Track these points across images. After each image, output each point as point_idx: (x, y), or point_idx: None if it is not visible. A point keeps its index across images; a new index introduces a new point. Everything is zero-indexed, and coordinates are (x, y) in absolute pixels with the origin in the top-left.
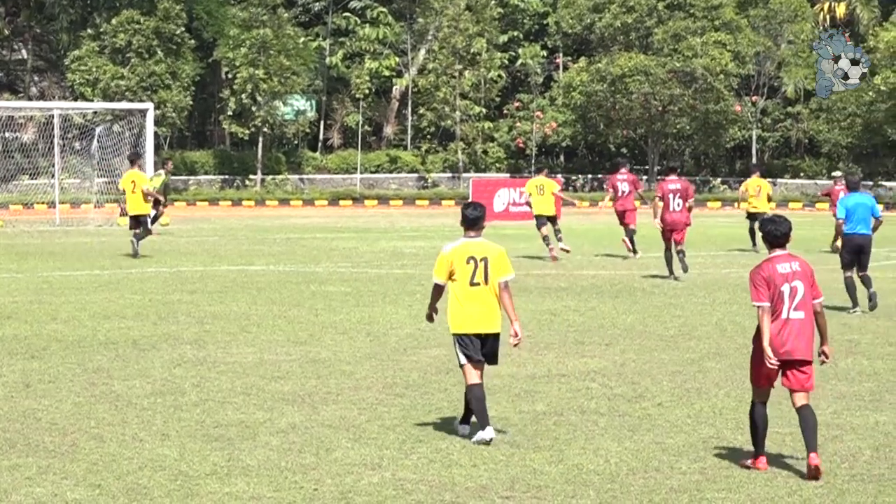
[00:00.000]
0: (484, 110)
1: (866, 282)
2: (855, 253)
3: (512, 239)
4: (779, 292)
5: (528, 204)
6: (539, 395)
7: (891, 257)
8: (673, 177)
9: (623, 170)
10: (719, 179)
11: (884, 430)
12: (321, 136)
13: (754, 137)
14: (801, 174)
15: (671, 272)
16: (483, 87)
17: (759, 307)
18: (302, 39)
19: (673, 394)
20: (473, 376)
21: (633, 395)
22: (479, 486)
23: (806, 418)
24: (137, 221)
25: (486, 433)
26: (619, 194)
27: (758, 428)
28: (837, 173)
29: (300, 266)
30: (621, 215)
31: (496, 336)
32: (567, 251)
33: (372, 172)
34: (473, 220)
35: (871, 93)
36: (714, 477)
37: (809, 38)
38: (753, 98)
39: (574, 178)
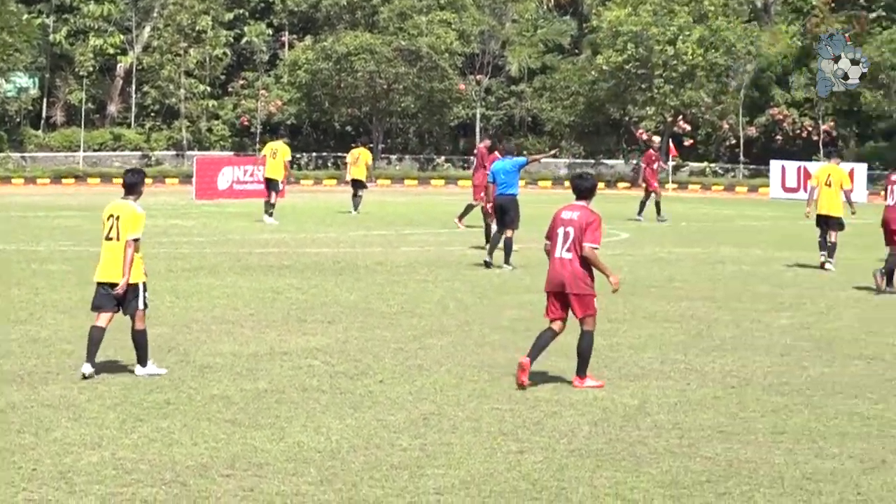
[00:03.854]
0: (209, 88)
1: (497, 242)
2: (498, 210)
3: (236, 217)
4: (555, 233)
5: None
6: (261, 372)
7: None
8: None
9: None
10: (443, 157)
11: (601, 405)
12: (44, 114)
13: (478, 116)
14: (525, 152)
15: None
16: (208, 64)
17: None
18: (25, 16)
19: (395, 371)
20: (100, 321)
21: (355, 373)
22: (199, 464)
23: (580, 340)
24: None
25: (85, 368)
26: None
27: (538, 339)
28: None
29: (21, 245)
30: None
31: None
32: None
33: (95, 150)
34: (130, 185)
35: (593, 72)
36: (434, 453)
37: (534, 18)
38: (478, 77)
39: (299, 156)
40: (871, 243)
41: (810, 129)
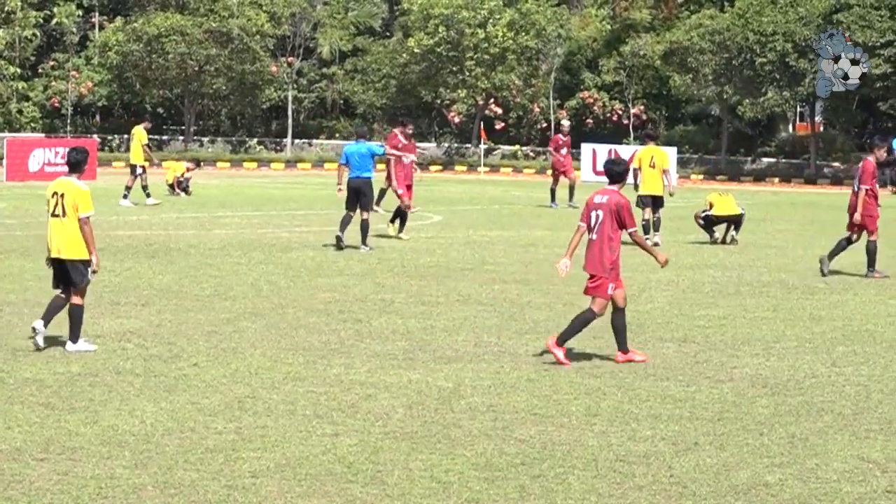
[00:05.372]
0: (18, 70)
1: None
2: (354, 193)
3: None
4: (589, 216)
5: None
6: (74, 355)
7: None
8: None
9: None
10: (256, 140)
11: (416, 388)
12: None
13: (290, 98)
14: (337, 135)
15: None
16: (18, 46)
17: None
18: None
19: (209, 354)
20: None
21: (168, 356)
22: (13, 448)
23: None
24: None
25: (36, 323)
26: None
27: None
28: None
29: None
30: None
31: (72, 262)
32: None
33: None
34: (74, 163)
35: (404, 54)
36: (249, 436)
37: (345, 0)
38: (289, 59)
39: (110, 137)
40: (681, 226)
41: (620, 112)
